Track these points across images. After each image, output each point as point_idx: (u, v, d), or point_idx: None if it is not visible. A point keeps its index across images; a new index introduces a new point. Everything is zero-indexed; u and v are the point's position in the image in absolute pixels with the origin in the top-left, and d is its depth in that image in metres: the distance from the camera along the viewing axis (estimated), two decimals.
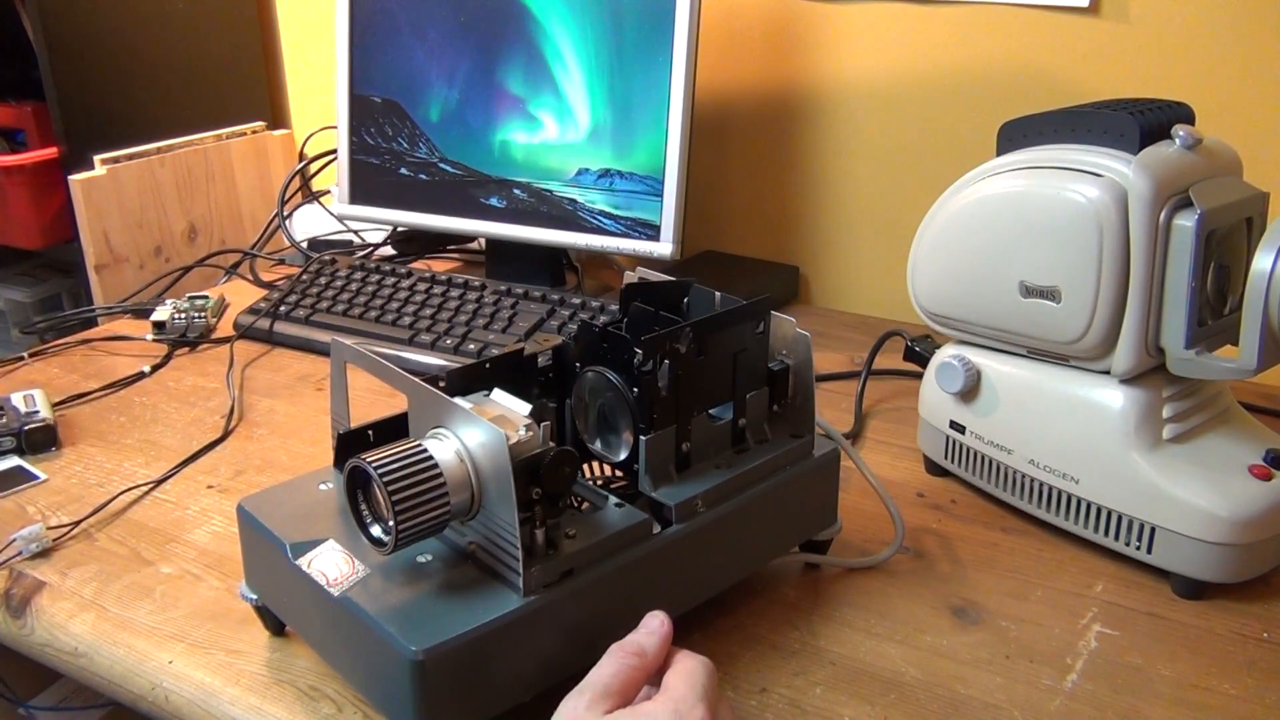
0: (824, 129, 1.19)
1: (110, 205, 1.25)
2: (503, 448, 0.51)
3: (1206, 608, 0.67)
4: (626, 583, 0.57)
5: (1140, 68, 1.01)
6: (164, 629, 0.65)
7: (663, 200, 1.06)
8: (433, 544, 0.57)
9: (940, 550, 0.74)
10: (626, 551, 0.57)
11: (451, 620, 0.51)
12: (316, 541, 0.57)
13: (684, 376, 0.59)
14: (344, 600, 0.53)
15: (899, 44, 1.12)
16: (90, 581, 0.70)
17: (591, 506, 0.60)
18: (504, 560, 0.54)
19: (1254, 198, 0.70)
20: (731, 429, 0.64)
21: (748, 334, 0.63)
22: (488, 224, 1.16)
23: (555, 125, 1.11)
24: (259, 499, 0.62)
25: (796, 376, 0.66)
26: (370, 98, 1.20)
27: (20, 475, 0.83)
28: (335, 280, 1.16)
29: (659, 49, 1.03)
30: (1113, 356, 0.69)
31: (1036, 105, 0.76)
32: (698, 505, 0.60)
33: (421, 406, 0.56)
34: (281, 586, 0.59)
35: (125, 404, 0.96)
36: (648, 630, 0.53)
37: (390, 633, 0.51)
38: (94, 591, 0.69)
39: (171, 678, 0.61)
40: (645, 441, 0.59)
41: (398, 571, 0.55)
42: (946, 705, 0.59)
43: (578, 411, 0.64)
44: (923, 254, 0.78)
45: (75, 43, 1.24)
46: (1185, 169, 0.67)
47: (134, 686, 0.61)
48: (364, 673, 0.55)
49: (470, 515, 0.54)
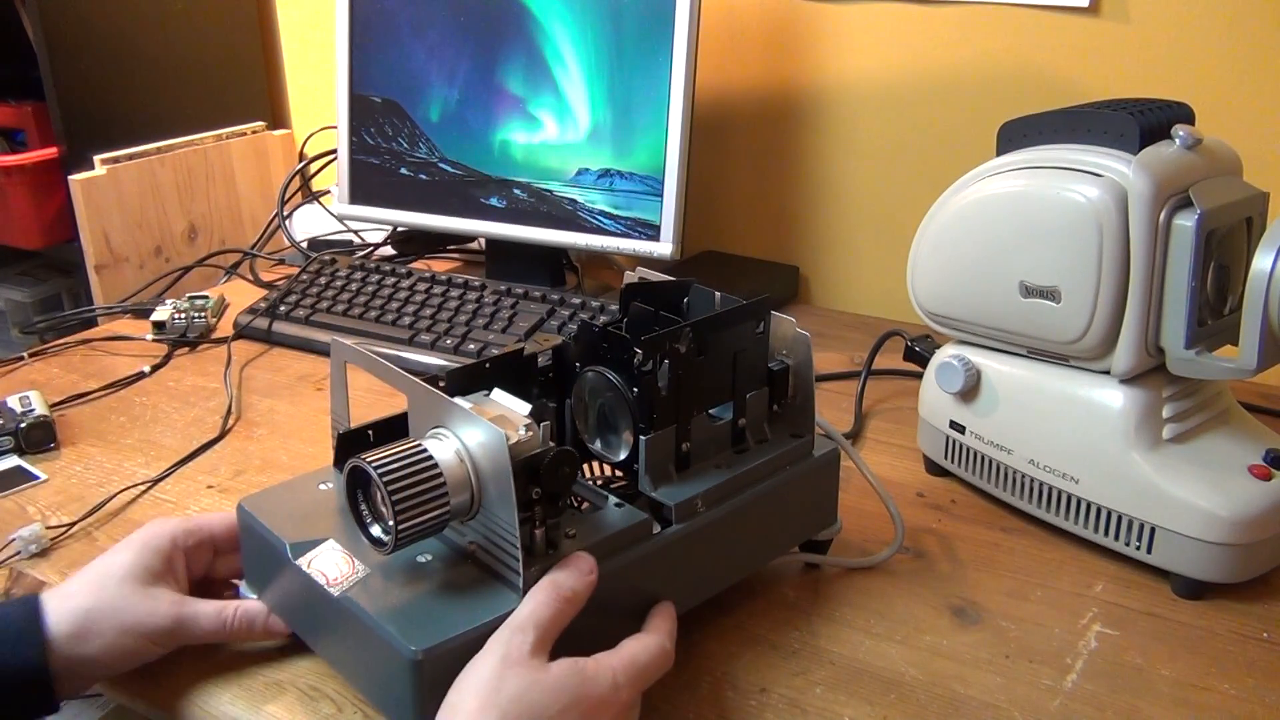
0: (824, 129, 1.19)
1: (110, 205, 1.25)
2: (502, 447, 0.51)
3: (1206, 608, 0.67)
4: (627, 582, 0.57)
5: (1140, 68, 1.01)
6: None
7: (663, 200, 1.06)
8: (433, 544, 0.57)
9: (940, 550, 0.74)
10: (627, 551, 0.57)
11: (451, 620, 0.51)
12: (316, 541, 0.57)
13: (684, 376, 0.59)
14: (344, 600, 0.53)
15: (899, 44, 1.12)
16: None
17: (591, 506, 0.60)
18: (504, 560, 0.54)
19: (1254, 198, 0.70)
20: (731, 429, 0.64)
21: (747, 334, 0.63)
22: (488, 224, 1.16)
23: (555, 125, 1.11)
24: (258, 499, 0.62)
25: (796, 376, 0.66)
26: (370, 98, 1.20)
27: (20, 475, 0.83)
28: (335, 280, 1.16)
29: (659, 49, 1.03)
30: (1112, 356, 0.69)
31: (1036, 105, 0.76)
32: (698, 505, 0.60)
33: (421, 406, 0.56)
34: (280, 585, 0.59)
35: (125, 404, 0.96)
36: (579, 572, 0.53)
37: (390, 632, 0.51)
38: None
39: (172, 678, 0.61)
40: (645, 441, 0.59)
41: (397, 571, 0.55)
42: (946, 705, 0.59)
43: (578, 412, 0.64)
44: (923, 254, 0.78)
45: (75, 43, 1.25)
46: (1185, 169, 0.67)
47: (134, 686, 0.61)
48: (363, 672, 0.55)
49: (470, 515, 0.54)
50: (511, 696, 0.48)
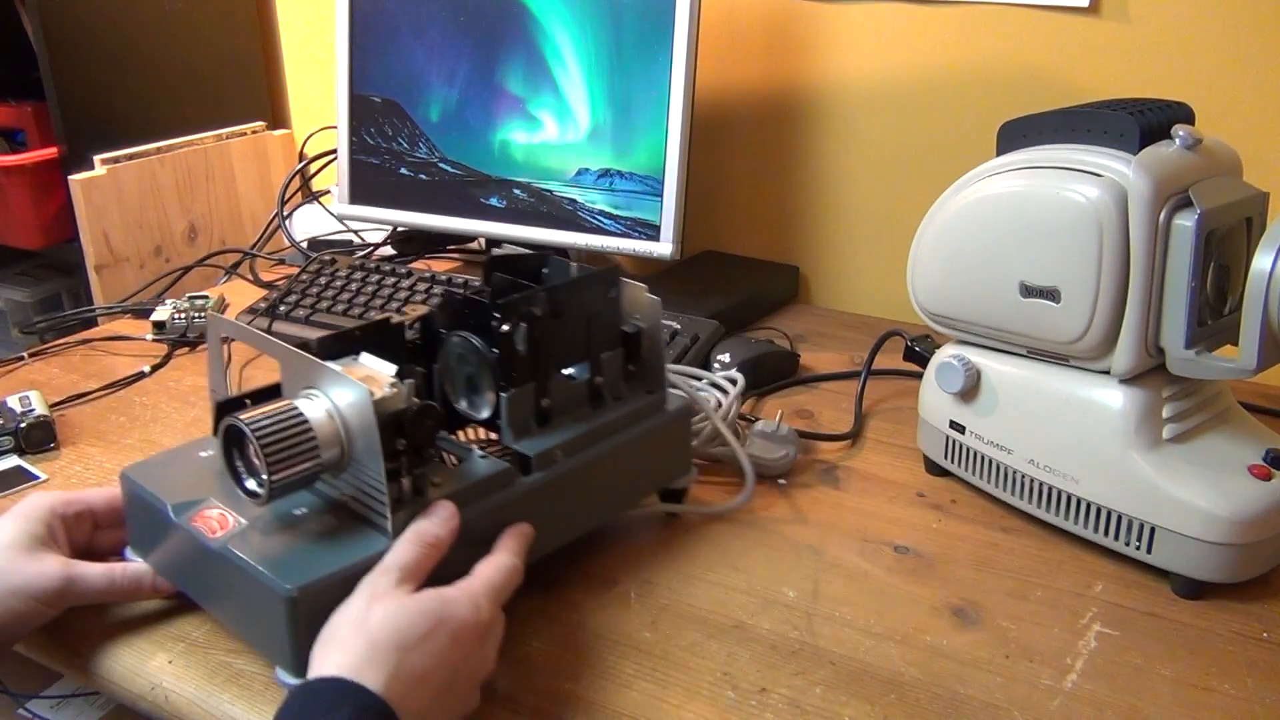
0: (824, 129, 1.19)
1: (110, 205, 1.25)
2: (368, 403, 0.55)
3: (1206, 608, 0.67)
4: (491, 526, 0.61)
5: (1140, 68, 1.01)
6: (164, 629, 0.65)
7: (663, 200, 1.06)
8: (307, 498, 0.60)
9: (940, 550, 0.74)
10: (490, 497, 0.61)
11: (324, 560, 0.55)
12: (197, 501, 0.60)
13: (540, 338, 0.64)
14: (223, 550, 0.56)
15: (899, 44, 1.12)
16: None
17: (459, 460, 0.64)
18: (373, 507, 0.58)
19: (1254, 198, 0.70)
20: (589, 387, 0.69)
21: (600, 299, 0.68)
22: (488, 224, 1.16)
23: (555, 125, 1.11)
24: (140, 467, 0.65)
25: (648, 338, 0.71)
26: (370, 98, 1.20)
27: (20, 475, 0.83)
28: (335, 280, 1.15)
29: (659, 49, 1.03)
30: (1112, 356, 0.69)
31: (1036, 105, 0.76)
32: (556, 454, 0.65)
33: (293, 369, 0.60)
34: (165, 545, 0.62)
35: (125, 404, 0.96)
36: (441, 519, 0.57)
37: (266, 574, 0.54)
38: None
39: (171, 678, 0.61)
40: (506, 398, 0.64)
41: (274, 523, 0.59)
42: (946, 705, 0.59)
43: (445, 375, 0.67)
44: (922, 254, 0.78)
45: (75, 43, 1.25)
46: (1185, 169, 0.67)
47: (134, 686, 0.61)
48: (245, 618, 0.58)
49: (342, 469, 0.58)
50: (378, 621, 0.52)
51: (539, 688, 0.60)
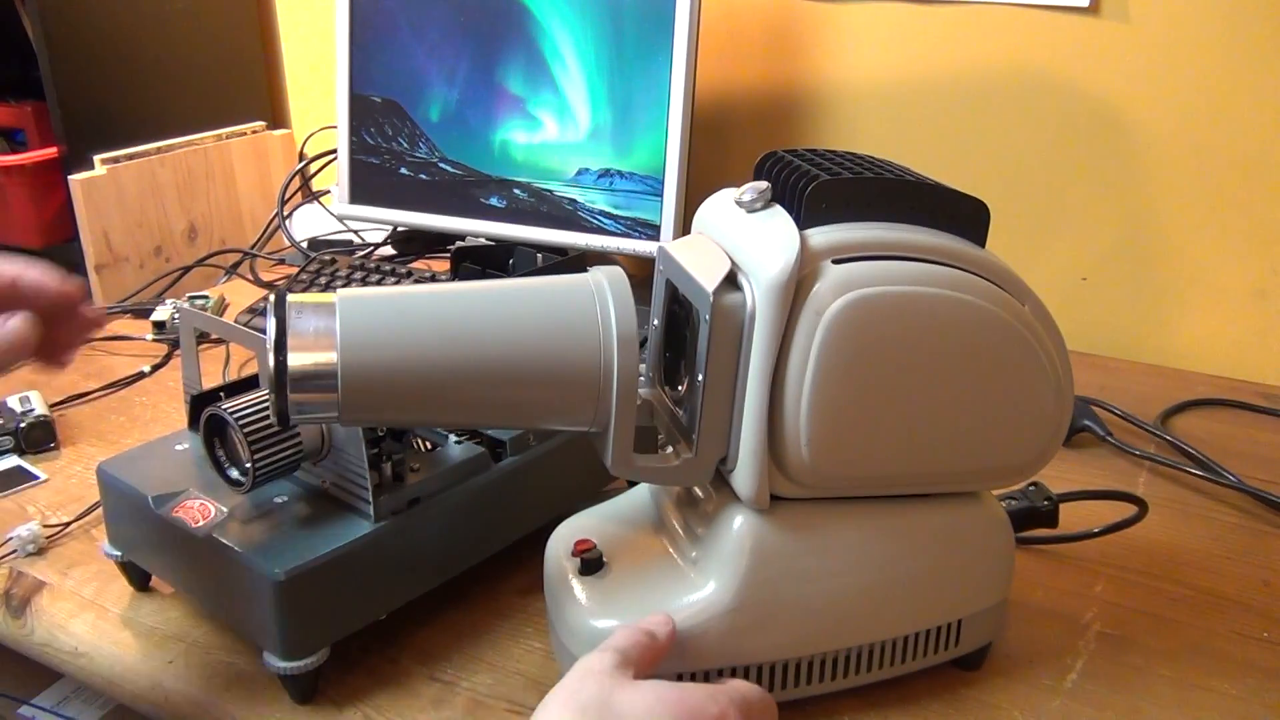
0: (824, 129, 1.19)
1: (110, 205, 1.25)
2: None
3: (1206, 608, 0.67)
4: (468, 508, 0.63)
5: (1140, 68, 1.01)
6: (164, 629, 0.65)
7: (663, 200, 1.06)
8: (288, 486, 0.61)
9: None
10: (467, 481, 0.63)
11: (309, 545, 0.56)
12: (177, 493, 0.60)
13: None
14: (208, 538, 0.57)
15: (899, 44, 1.12)
16: (90, 581, 0.70)
17: (434, 446, 0.65)
18: (355, 493, 0.59)
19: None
20: None
21: None
22: (488, 224, 1.16)
23: (555, 125, 1.11)
24: (117, 461, 0.65)
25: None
26: (370, 98, 1.20)
27: (20, 475, 0.83)
28: (335, 280, 1.15)
29: (659, 49, 1.03)
30: None
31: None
32: (529, 439, 0.66)
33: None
34: (146, 538, 0.63)
35: (125, 404, 0.96)
36: (658, 621, 0.52)
37: (253, 559, 0.55)
38: (94, 591, 0.69)
39: (171, 678, 0.61)
40: None
41: (256, 510, 0.60)
42: (946, 705, 0.59)
43: None
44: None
45: (75, 43, 1.25)
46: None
47: (134, 686, 0.61)
48: (231, 604, 0.59)
49: (322, 455, 0.59)
50: (592, 696, 0.46)
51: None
